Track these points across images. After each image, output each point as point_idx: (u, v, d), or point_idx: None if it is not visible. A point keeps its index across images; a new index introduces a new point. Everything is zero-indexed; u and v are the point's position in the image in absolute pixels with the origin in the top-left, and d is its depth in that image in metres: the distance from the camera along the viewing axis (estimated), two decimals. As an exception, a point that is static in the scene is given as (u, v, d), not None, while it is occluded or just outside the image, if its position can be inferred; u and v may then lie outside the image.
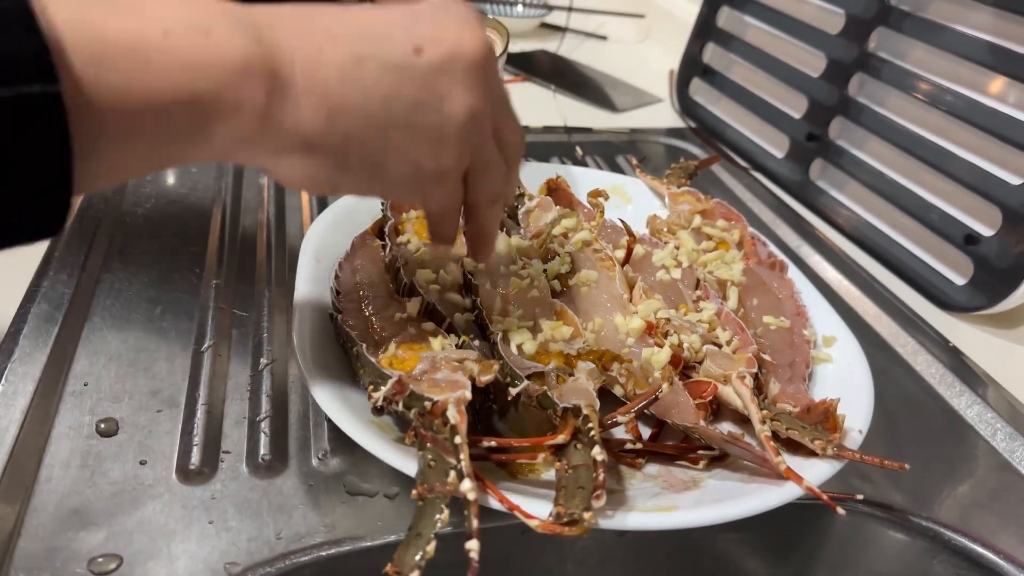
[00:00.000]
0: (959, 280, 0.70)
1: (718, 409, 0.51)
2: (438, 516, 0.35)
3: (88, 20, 0.28)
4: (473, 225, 0.45)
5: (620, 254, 0.60)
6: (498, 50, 0.55)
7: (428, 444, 0.39)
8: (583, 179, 0.73)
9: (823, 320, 0.58)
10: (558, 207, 0.64)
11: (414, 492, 0.37)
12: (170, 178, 0.74)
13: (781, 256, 0.64)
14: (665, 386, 0.44)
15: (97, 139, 0.29)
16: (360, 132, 0.35)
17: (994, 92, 0.68)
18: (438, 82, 0.36)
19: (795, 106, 0.89)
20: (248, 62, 0.31)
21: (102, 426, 0.46)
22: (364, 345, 0.46)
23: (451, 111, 0.36)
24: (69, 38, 0.27)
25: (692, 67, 1.07)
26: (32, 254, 0.59)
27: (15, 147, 0.26)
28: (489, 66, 0.37)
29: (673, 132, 1.02)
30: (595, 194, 0.68)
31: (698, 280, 0.58)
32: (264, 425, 0.48)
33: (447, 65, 0.36)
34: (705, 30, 1.04)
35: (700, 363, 0.51)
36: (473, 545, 0.34)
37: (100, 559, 0.39)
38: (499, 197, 0.43)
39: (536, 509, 0.38)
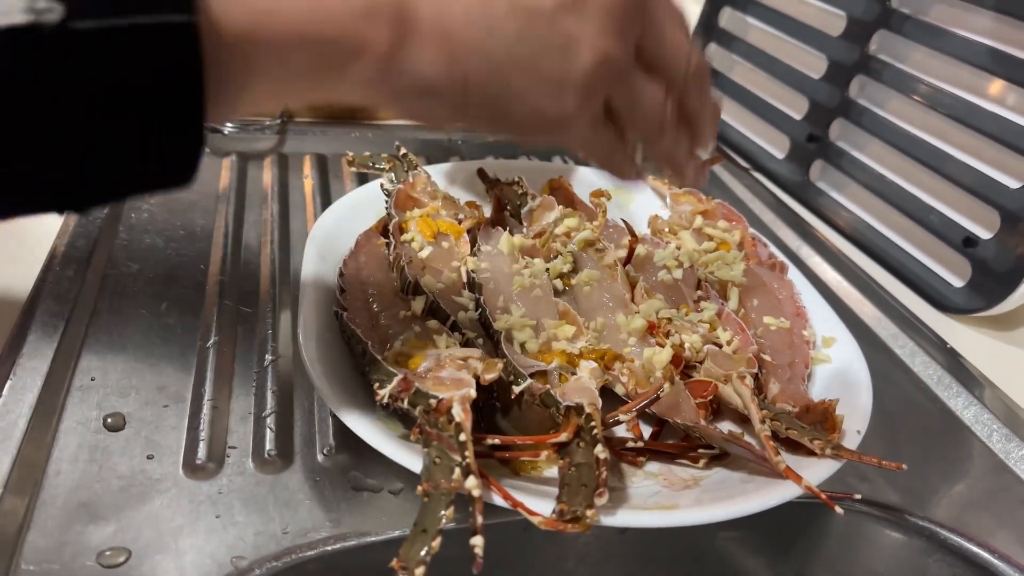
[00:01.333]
0: (957, 282, 0.70)
1: (718, 408, 0.51)
2: (443, 512, 0.36)
3: None
4: (655, 153, 0.42)
5: (622, 254, 0.61)
6: None
7: (433, 441, 0.39)
8: (585, 179, 0.73)
9: (822, 321, 0.58)
10: (560, 207, 0.65)
11: (419, 488, 0.37)
12: (175, 174, 0.74)
13: (781, 257, 0.65)
14: (666, 385, 0.45)
15: (223, 74, 0.28)
16: (481, 76, 0.33)
17: (994, 95, 0.69)
18: (568, 24, 0.34)
19: (796, 107, 0.90)
20: (373, 5, 0.30)
21: (109, 421, 0.47)
22: (369, 343, 0.46)
23: (578, 57, 0.34)
24: None
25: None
26: (39, 249, 0.60)
27: (152, 73, 0.26)
28: (632, 6, 0.35)
29: (674, 132, 1.02)
30: (597, 194, 0.69)
31: (699, 280, 0.58)
32: (270, 421, 0.49)
33: (578, 4, 0.34)
34: (707, 30, 1.04)
35: (701, 363, 0.51)
36: (477, 541, 0.35)
37: (108, 552, 0.39)
38: (661, 131, 0.40)
39: (539, 506, 0.38)
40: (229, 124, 0.82)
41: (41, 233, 0.62)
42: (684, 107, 0.41)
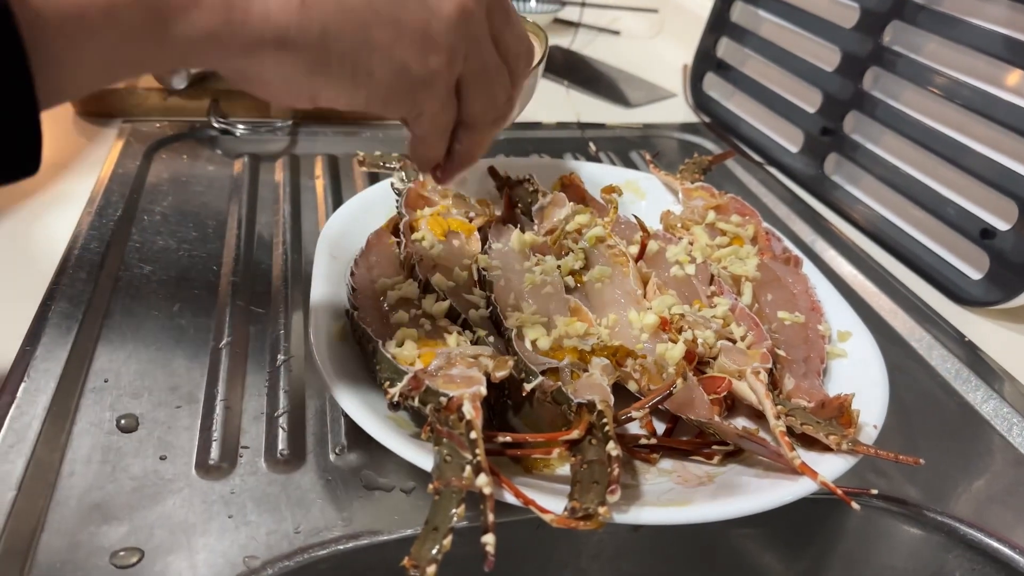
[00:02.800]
0: (975, 274, 0.70)
1: (733, 404, 0.51)
2: (454, 510, 0.36)
3: None
4: (462, 143, 0.40)
5: (634, 250, 0.61)
6: (537, 56, 0.54)
7: (444, 439, 0.39)
8: (597, 175, 0.73)
9: (838, 315, 0.57)
10: (572, 203, 0.65)
11: (430, 487, 0.37)
12: (187, 176, 0.74)
13: (796, 251, 0.64)
14: (679, 381, 0.45)
15: (50, 46, 0.26)
16: (338, 25, 0.31)
17: (1010, 85, 0.68)
18: None
19: (809, 100, 0.89)
20: None
21: (123, 422, 0.47)
22: (380, 341, 0.46)
23: (439, 6, 0.33)
24: None
25: (706, 62, 1.06)
26: (52, 252, 0.60)
27: None
28: None
29: (687, 127, 1.02)
30: (609, 190, 0.69)
31: (712, 276, 0.58)
32: (282, 421, 0.49)
33: None
34: (719, 24, 1.03)
35: (714, 358, 0.51)
36: (489, 539, 0.34)
37: (122, 553, 0.40)
38: (499, 115, 0.39)
39: (551, 504, 0.38)
40: (241, 126, 0.83)
41: (54, 236, 0.62)
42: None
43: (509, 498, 0.39)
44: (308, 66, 0.32)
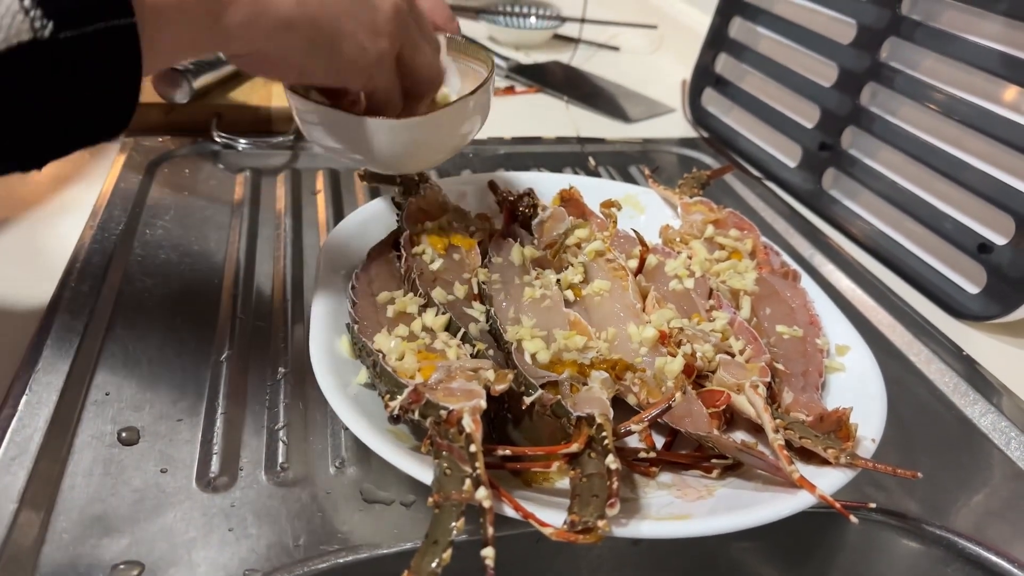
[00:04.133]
0: (973, 289, 0.70)
1: (731, 418, 0.51)
2: (454, 524, 0.36)
3: None
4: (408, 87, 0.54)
5: (633, 264, 0.61)
6: (481, 77, 0.59)
7: (444, 452, 0.39)
8: (596, 190, 0.73)
9: (836, 329, 0.58)
10: (571, 217, 0.65)
11: (430, 500, 0.37)
12: (189, 191, 0.75)
13: (794, 265, 0.64)
14: (678, 395, 0.45)
15: (144, 30, 0.36)
16: (320, 17, 0.44)
17: (1007, 101, 0.69)
18: None
19: (807, 116, 0.90)
20: None
21: (124, 435, 0.47)
22: (381, 355, 0.47)
23: (380, 8, 0.48)
24: None
25: (704, 77, 1.07)
26: (55, 265, 0.60)
27: (107, 54, 0.35)
28: None
29: (685, 142, 1.02)
30: (608, 204, 0.69)
31: (711, 290, 0.58)
32: (282, 434, 0.49)
33: None
34: (717, 41, 1.04)
35: (713, 372, 0.51)
36: (488, 552, 0.34)
37: (122, 566, 0.40)
38: (432, 72, 0.55)
39: (550, 517, 0.38)
40: (243, 140, 0.83)
41: (57, 249, 0.63)
42: None
43: (509, 511, 0.39)
44: (303, 46, 0.45)
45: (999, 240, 0.67)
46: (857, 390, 0.52)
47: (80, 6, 0.34)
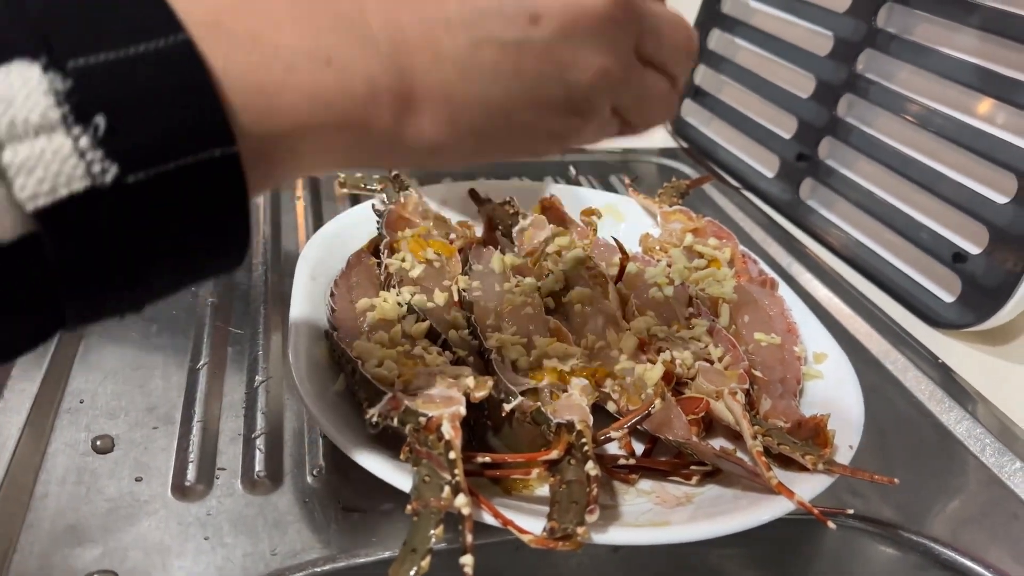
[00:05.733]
0: (948, 298, 0.71)
1: (710, 425, 0.51)
2: (432, 531, 0.36)
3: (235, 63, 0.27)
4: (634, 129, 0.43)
5: (613, 272, 0.61)
6: None
7: (423, 460, 0.39)
8: (577, 198, 0.74)
9: (814, 337, 0.58)
10: (552, 226, 0.65)
11: (409, 507, 0.37)
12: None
13: (772, 274, 0.65)
14: (658, 402, 0.45)
15: (250, 170, 0.29)
16: (483, 125, 0.34)
17: (981, 113, 0.70)
18: (560, 51, 0.33)
19: (785, 127, 0.91)
20: (373, 88, 0.30)
21: (98, 443, 0.47)
22: (360, 362, 0.46)
23: (576, 79, 0.34)
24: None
25: (684, 88, 1.08)
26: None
27: (203, 194, 0.27)
28: (618, 13, 0.35)
29: (665, 152, 1.03)
30: (588, 213, 0.69)
31: (690, 297, 0.58)
32: (259, 442, 0.49)
33: (567, 30, 0.33)
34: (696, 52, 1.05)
35: (692, 379, 0.51)
36: (467, 560, 0.34)
37: (96, 575, 0.39)
38: (669, 111, 0.42)
39: (530, 524, 0.38)
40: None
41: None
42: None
43: (488, 519, 0.39)
44: (461, 157, 0.35)
45: (973, 250, 0.68)
46: (834, 397, 0.52)
47: (158, 142, 0.25)
